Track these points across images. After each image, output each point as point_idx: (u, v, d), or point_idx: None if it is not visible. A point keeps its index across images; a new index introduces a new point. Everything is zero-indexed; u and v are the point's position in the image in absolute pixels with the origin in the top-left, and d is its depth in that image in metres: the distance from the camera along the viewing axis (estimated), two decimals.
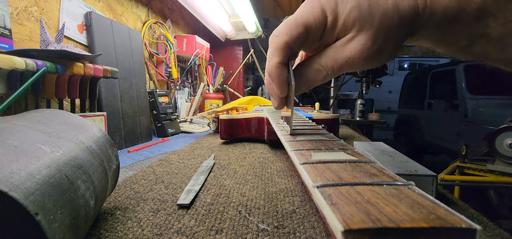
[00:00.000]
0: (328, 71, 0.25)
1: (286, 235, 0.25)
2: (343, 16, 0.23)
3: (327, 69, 0.25)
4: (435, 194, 0.33)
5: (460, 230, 0.11)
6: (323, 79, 0.25)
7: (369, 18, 0.22)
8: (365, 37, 0.22)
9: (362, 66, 0.24)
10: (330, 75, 0.25)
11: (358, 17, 0.22)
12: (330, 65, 0.24)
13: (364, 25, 0.22)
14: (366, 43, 0.22)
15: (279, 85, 0.26)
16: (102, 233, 0.25)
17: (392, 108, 5.53)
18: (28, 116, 0.24)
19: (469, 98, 2.63)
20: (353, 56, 0.23)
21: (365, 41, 0.22)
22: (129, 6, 0.88)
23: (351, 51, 0.23)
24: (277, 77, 0.25)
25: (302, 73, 0.26)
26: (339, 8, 0.23)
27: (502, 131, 1.49)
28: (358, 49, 0.23)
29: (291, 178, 0.41)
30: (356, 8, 0.22)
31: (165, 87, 1.12)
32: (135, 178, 0.41)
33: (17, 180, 0.15)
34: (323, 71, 0.25)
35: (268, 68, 0.26)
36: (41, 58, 0.45)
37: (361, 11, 0.22)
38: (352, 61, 0.23)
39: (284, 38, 0.24)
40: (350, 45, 0.23)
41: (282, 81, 0.26)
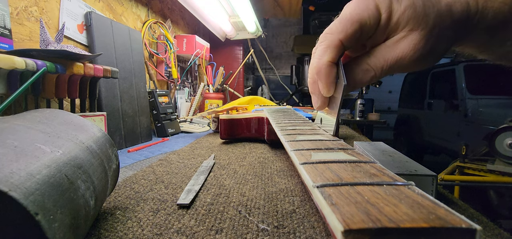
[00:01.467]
0: (377, 71, 0.24)
1: (286, 235, 0.25)
2: (397, 14, 0.22)
3: (376, 69, 0.24)
4: (435, 194, 0.33)
5: (460, 230, 0.11)
6: (371, 80, 0.25)
7: (423, 17, 0.22)
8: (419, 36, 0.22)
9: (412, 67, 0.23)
10: (378, 75, 0.24)
11: (412, 15, 0.22)
12: (380, 65, 0.24)
13: (419, 25, 0.22)
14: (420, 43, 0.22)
15: (326, 85, 0.25)
16: (102, 233, 0.25)
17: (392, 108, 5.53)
18: (28, 116, 0.24)
19: (469, 98, 2.63)
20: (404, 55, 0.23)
21: (419, 41, 0.22)
22: (129, 6, 0.88)
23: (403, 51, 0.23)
24: (326, 76, 0.25)
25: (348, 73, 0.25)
26: (394, 6, 0.23)
27: (502, 131, 1.49)
28: (411, 48, 0.22)
29: (291, 178, 0.41)
30: (411, 7, 0.22)
31: (165, 87, 1.12)
32: (135, 178, 0.41)
33: (17, 179, 0.15)
34: (372, 71, 0.24)
35: (318, 66, 0.25)
36: (41, 58, 0.45)
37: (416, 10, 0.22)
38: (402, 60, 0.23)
39: (338, 36, 0.23)
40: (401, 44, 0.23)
41: (331, 81, 0.25)
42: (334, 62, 0.24)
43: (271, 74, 2.32)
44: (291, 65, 2.19)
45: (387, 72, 0.24)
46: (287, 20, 2.48)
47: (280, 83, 2.20)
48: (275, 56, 2.48)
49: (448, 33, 0.22)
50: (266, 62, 2.18)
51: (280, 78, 2.18)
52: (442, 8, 0.22)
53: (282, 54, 2.51)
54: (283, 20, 2.47)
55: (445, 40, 0.23)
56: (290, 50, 2.42)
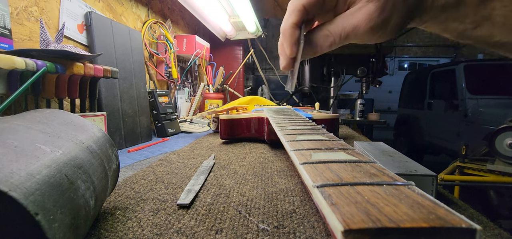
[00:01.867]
0: (336, 37, 0.26)
1: (286, 235, 0.25)
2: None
3: (334, 35, 0.26)
4: (435, 194, 0.33)
5: (460, 230, 0.11)
6: (330, 46, 0.27)
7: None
8: (373, 7, 0.24)
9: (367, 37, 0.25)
10: (337, 42, 0.26)
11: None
12: (338, 32, 0.26)
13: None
14: (373, 13, 0.24)
15: (290, 45, 0.27)
16: (102, 233, 0.25)
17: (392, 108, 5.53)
18: (28, 116, 0.24)
19: (469, 98, 2.63)
20: (359, 24, 0.25)
21: (373, 11, 0.24)
22: (129, 6, 0.88)
23: (358, 20, 0.25)
24: (289, 37, 0.27)
25: (311, 38, 0.28)
26: None
27: (502, 131, 1.49)
28: (365, 18, 0.24)
29: (291, 178, 0.41)
30: None
31: (165, 87, 1.12)
32: (135, 178, 0.41)
33: (17, 180, 0.15)
34: (331, 37, 0.26)
35: (283, 27, 0.28)
36: (41, 58, 0.45)
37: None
38: (358, 29, 0.25)
39: (302, 1, 0.26)
40: (358, 13, 0.25)
41: (293, 41, 0.27)
42: (297, 25, 0.27)
43: (271, 74, 2.32)
44: None
45: (345, 40, 0.26)
46: None
47: (280, 83, 2.20)
48: (275, 56, 2.48)
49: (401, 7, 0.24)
50: (266, 62, 2.18)
51: (280, 78, 2.18)
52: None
53: None
54: None
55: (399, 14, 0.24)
56: None
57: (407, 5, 0.24)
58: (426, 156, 3.68)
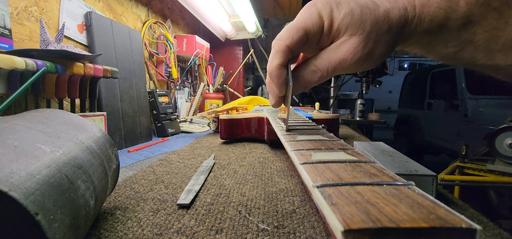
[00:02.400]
0: (323, 72, 0.26)
1: (286, 235, 0.25)
2: (337, 21, 0.25)
3: (322, 70, 0.26)
4: (435, 194, 0.33)
5: (460, 230, 0.11)
6: (319, 80, 0.27)
7: (361, 24, 0.24)
8: (357, 40, 0.24)
9: (354, 68, 0.26)
10: (325, 76, 0.27)
11: (350, 22, 0.24)
12: (325, 67, 0.26)
13: (357, 30, 0.24)
14: (358, 46, 0.24)
15: (278, 85, 0.28)
16: (102, 233, 0.25)
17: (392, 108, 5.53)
18: (28, 116, 0.24)
19: (469, 98, 2.63)
20: (345, 58, 0.25)
21: (357, 44, 0.24)
22: (129, 6, 0.88)
23: (344, 53, 0.25)
24: (277, 78, 0.27)
25: (299, 75, 0.28)
26: (334, 14, 0.25)
27: (502, 131, 1.49)
28: (350, 52, 0.25)
29: (291, 178, 0.41)
30: (349, 14, 0.24)
31: (165, 87, 1.12)
32: (135, 178, 0.41)
33: (17, 179, 0.15)
34: (319, 72, 0.26)
35: (269, 69, 0.27)
36: (41, 58, 0.45)
37: (354, 17, 0.24)
38: (344, 62, 0.25)
39: (285, 42, 0.26)
40: (343, 47, 0.25)
41: (281, 82, 0.27)
42: (283, 65, 0.27)
43: None
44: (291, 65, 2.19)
45: (332, 73, 0.26)
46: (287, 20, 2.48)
47: None
48: None
49: (385, 37, 0.24)
50: (266, 62, 2.18)
51: None
52: (379, 15, 0.24)
53: None
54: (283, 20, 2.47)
55: (383, 44, 0.25)
56: None
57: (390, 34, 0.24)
58: (426, 156, 3.68)
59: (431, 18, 0.24)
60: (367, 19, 0.24)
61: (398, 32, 0.25)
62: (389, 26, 0.24)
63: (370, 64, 0.26)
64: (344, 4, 0.25)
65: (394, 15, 0.24)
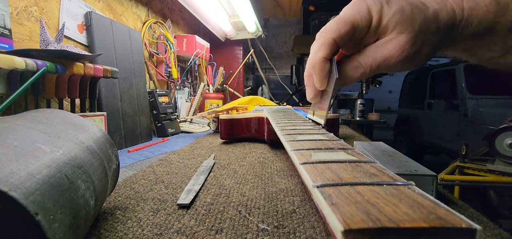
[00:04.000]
0: (366, 68, 0.26)
1: (286, 235, 0.25)
2: (387, 17, 0.24)
3: (365, 66, 0.26)
4: (435, 194, 0.33)
5: (460, 230, 0.11)
6: (360, 76, 0.27)
7: (411, 22, 0.24)
8: (405, 38, 0.24)
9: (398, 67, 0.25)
10: (367, 73, 0.26)
11: (400, 20, 0.24)
12: (369, 63, 0.26)
13: (406, 28, 0.24)
14: (406, 45, 0.24)
15: (320, 79, 0.27)
16: (102, 233, 0.25)
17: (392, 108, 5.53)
18: (28, 116, 0.24)
19: (469, 98, 2.63)
20: (391, 55, 0.25)
21: (405, 43, 0.24)
22: (129, 6, 0.88)
23: (390, 51, 0.25)
24: (320, 71, 0.27)
25: (340, 70, 0.27)
26: (384, 11, 0.25)
27: (502, 131, 1.49)
28: (397, 49, 0.24)
29: (291, 178, 0.41)
30: (399, 12, 0.24)
31: (165, 87, 1.12)
32: (135, 177, 0.41)
33: (17, 179, 0.15)
34: (361, 68, 0.26)
35: (313, 61, 0.27)
36: (41, 58, 0.45)
37: (404, 15, 0.24)
38: (389, 60, 0.25)
39: (332, 35, 0.26)
40: (390, 44, 0.25)
41: (324, 75, 0.27)
42: (327, 58, 0.26)
43: (271, 74, 2.32)
44: (291, 65, 2.19)
45: (375, 70, 0.26)
46: (287, 20, 2.48)
47: (280, 83, 2.20)
48: (275, 56, 2.48)
49: (433, 38, 0.24)
50: (266, 62, 2.18)
51: (280, 78, 2.18)
52: (429, 15, 0.24)
53: (282, 54, 2.51)
54: (283, 20, 2.47)
55: (430, 45, 0.25)
56: (290, 50, 2.42)
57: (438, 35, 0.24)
58: (426, 156, 3.68)
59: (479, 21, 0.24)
60: (417, 18, 0.24)
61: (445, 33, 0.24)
62: (437, 27, 0.24)
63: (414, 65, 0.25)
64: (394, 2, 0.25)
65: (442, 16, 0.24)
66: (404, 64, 0.25)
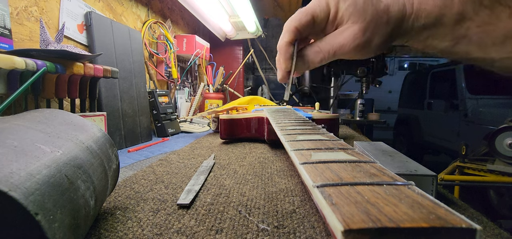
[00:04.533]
0: (325, 54, 0.29)
1: (286, 235, 0.25)
2: (342, 9, 0.28)
3: (324, 52, 0.29)
4: (435, 194, 0.33)
5: (460, 230, 0.11)
6: (321, 61, 0.30)
7: (362, 13, 0.27)
8: (357, 28, 0.27)
9: (353, 54, 0.28)
10: (326, 58, 0.30)
11: (354, 11, 0.27)
12: (327, 49, 0.29)
13: (358, 19, 0.27)
14: (358, 33, 0.27)
15: (285, 60, 0.31)
16: (102, 233, 0.25)
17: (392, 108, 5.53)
18: (28, 116, 0.24)
19: (469, 98, 2.63)
20: (345, 43, 0.28)
21: (357, 32, 0.27)
22: (129, 6, 0.88)
23: (345, 38, 0.28)
24: (284, 53, 0.31)
25: (304, 54, 0.31)
26: (340, 4, 0.28)
27: (502, 131, 1.49)
28: (351, 38, 0.27)
29: (291, 178, 0.41)
30: (352, 4, 0.27)
31: (165, 87, 1.12)
32: (135, 178, 0.41)
33: (17, 179, 0.15)
34: (321, 53, 0.30)
35: (279, 45, 0.32)
36: (41, 58, 0.45)
37: (356, 6, 0.27)
38: (344, 47, 0.28)
39: (295, 23, 0.30)
40: (345, 33, 0.28)
41: (288, 57, 0.31)
42: (291, 43, 0.31)
43: (271, 74, 2.32)
44: None
45: (333, 56, 0.29)
46: None
47: (280, 83, 2.20)
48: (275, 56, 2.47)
49: (384, 29, 0.27)
50: (266, 62, 2.18)
51: None
52: (380, 7, 0.27)
53: None
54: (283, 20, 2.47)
55: (381, 34, 0.27)
56: None
57: (389, 26, 0.27)
58: (426, 156, 3.67)
59: (427, 14, 0.26)
60: (368, 10, 0.27)
61: (396, 25, 0.27)
62: (388, 19, 0.27)
63: (368, 52, 0.28)
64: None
65: (393, 9, 0.27)
66: (357, 51, 0.28)
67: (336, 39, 0.28)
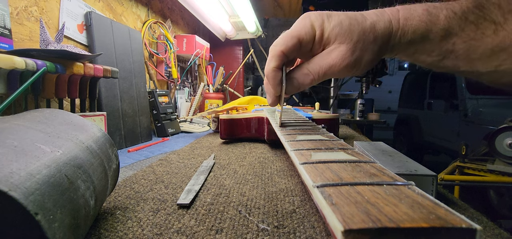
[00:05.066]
0: (315, 75, 0.29)
1: (286, 235, 0.25)
2: (328, 30, 0.28)
3: (313, 73, 0.29)
4: (435, 194, 0.33)
5: (460, 230, 0.11)
6: (311, 83, 0.30)
7: (349, 33, 0.27)
8: (345, 48, 0.27)
9: (343, 73, 0.28)
10: (316, 79, 0.29)
11: (339, 32, 0.27)
12: (316, 70, 0.29)
13: (345, 39, 0.27)
14: (346, 53, 0.27)
15: (274, 86, 0.31)
16: (102, 233, 0.25)
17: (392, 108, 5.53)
18: (28, 116, 0.24)
19: (469, 98, 2.63)
20: (334, 63, 0.28)
21: (345, 52, 0.27)
22: (129, 6, 0.88)
23: (333, 59, 0.27)
24: (272, 79, 0.30)
25: (293, 77, 0.30)
26: (325, 25, 0.28)
27: (502, 131, 1.48)
28: (339, 58, 0.27)
29: (291, 178, 0.41)
30: (338, 25, 0.27)
31: (165, 87, 1.12)
32: (135, 177, 0.41)
33: (17, 179, 0.15)
34: (310, 75, 0.29)
35: (266, 71, 0.31)
36: (41, 58, 0.45)
37: (342, 27, 0.27)
38: (333, 68, 0.28)
39: (280, 48, 0.29)
40: (332, 54, 0.28)
41: (276, 83, 0.30)
42: (278, 68, 0.30)
43: None
44: None
45: (323, 77, 0.29)
46: (287, 20, 2.48)
47: None
48: None
49: (371, 46, 0.27)
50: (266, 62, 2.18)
51: None
52: (366, 26, 0.27)
53: None
54: (283, 20, 2.47)
55: (369, 52, 0.27)
56: None
57: (376, 43, 0.27)
58: (426, 156, 3.67)
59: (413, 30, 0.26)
60: (355, 30, 0.27)
61: (383, 42, 0.27)
62: (375, 37, 0.27)
63: (357, 71, 0.28)
64: (334, 16, 0.28)
65: (379, 27, 0.27)
66: (347, 70, 0.28)
67: (325, 60, 0.28)
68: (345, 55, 0.27)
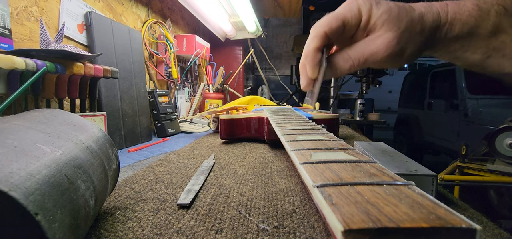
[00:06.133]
0: (355, 61, 0.28)
1: (286, 235, 0.25)
2: (375, 17, 0.27)
3: (354, 59, 0.28)
4: (435, 194, 0.33)
5: (460, 230, 0.11)
6: (349, 69, 0.29)
7: (397, 22, 0.26)
8: (391, 36, 0.26)
9: (384, 63, 0.27)
10: (356, 65, 0.28)
11: (388, 19, 0.26)
12: (357, 57, 0.28)
13: (392, 27, 0.26)
14: (391, 41, 0.26)
15: (311, 67, 0.29)
16: (102, 233, 0.25)
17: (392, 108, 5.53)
18: (28, 116, 0.24)
19: (469, 98, 2.63)
20: (378, 51, 0.26)
21: (391, 39, 0.26)
22: (129, 6, 0.88)
23: (377, 46, 0.26)
24: (312, 60, 0.29)
25: (332, 61, 0.29)
26: (373, 10, 0.27)
27: (502, 131, 1.48)
28: (384, 45, 0.26)
29: (291, 178, 0.41)
30: (387, 12, 0.26)
31: (165, 87, 1.12)
32: (135, 178, 0.41)
33: (17, 179, 0.15)
34: (350, 60, 0.28)
35: (306, 51, 0.30)
36: (41, 58, 0.45)
37: (391, 14, 0.26)
38: (376, 55, 0.27)
39: (324, 28, 0.28)
40: (377, 41, 0.26)
41: (315, 64, 0.29)
42: (319, 49, 0.29)
43: (271, 74, 2.32)
44: (291, 65, 2.19)
45: (363, 64, 0.28)
46: (287, 20, 2.48)
47: (280, 83, 2.20)
48: (275, 56, 2.47)
49: (418, 38, 0.26)
50: (266, 62, 2.18)
51: (280, 78, 2.18)
52: (414, 16, 0.26)
53: (282, 54, 2.51)
54: (283, 20, 2.47)
55: (415, 44, 0.26)
56: (290, 50, 2.42)
57: (423, 35, 0.26)
58: (426, 156, 3.67)
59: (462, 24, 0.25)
60: (403, 18, 0.26)
61: (430, 34, 0.26)
62: (422, 28, 0.26)
63: (399, 62, 0.27)
64: (383, 3, 0.27)
65: (428, 18, 0.26)
66: (389, 60, 0.27)
67: (368, 46, 0.27)
68: (390, 43, 0.26)
